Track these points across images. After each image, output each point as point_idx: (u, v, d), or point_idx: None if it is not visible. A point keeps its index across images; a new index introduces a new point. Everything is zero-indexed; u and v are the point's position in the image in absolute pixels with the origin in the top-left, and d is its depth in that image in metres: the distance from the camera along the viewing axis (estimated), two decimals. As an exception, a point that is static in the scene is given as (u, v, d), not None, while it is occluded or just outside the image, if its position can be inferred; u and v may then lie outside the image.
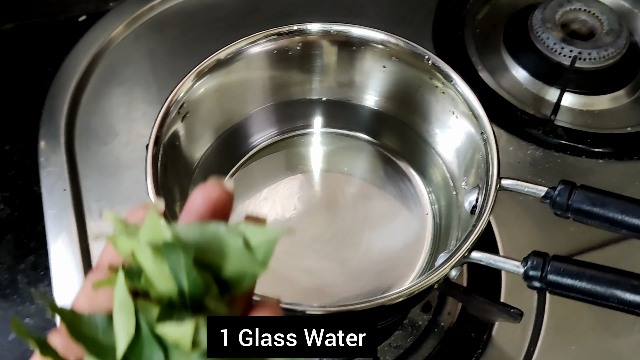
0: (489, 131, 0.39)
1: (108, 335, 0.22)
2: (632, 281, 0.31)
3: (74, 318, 0.22)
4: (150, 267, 0.23)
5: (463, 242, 0.35)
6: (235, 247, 0.23)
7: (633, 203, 0.34)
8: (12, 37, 0.72)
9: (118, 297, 0.22)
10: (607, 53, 0.64)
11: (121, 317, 0.22)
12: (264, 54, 0.46)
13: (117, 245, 0.23)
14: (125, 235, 0.23)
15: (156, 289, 0.23)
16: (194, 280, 0.22)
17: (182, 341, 0.21)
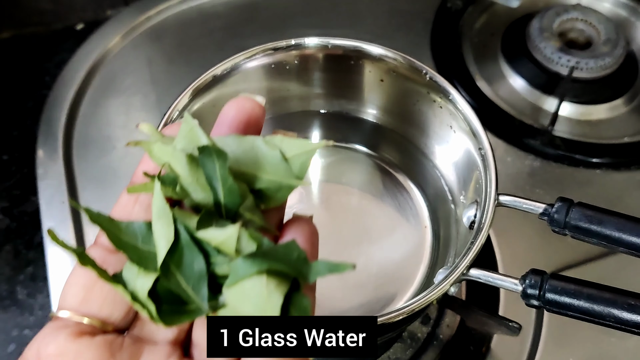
0: (486, 147, 0.40)
1: (147, 243, 0.22)
2: (629, 300, 0.31)
3: (113, 226, 0.22)
4: (185, 174, 0.23)
5: (462, 259, 0.35)
6: (272, 158, 0.23)
7: (631, 221, 0.34)
8: (9, 46, 0.72)
9: (156, 204, 0.22)
10: (605, 63, 0.64)
11: (160, 224, 0.22)
12: (261, 68, 0.46)
13: (152, 153, 0.24)
14: (161, 143, 0.23)
15: (191, 197, 0.23)
16: (230, 188, 0.22)
17: (225, 246, 0.21)
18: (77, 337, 0.22)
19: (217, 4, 0.71)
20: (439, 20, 0.70)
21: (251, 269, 0.21)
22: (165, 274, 0.22)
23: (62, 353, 0.21)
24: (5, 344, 0.51)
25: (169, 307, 0.22)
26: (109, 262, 0.23)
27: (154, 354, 0.23)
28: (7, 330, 0.52)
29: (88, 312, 0.22)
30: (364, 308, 0.45)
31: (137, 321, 0.24)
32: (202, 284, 0.22)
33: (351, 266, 0.22)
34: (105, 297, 0.23)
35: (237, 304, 0.21)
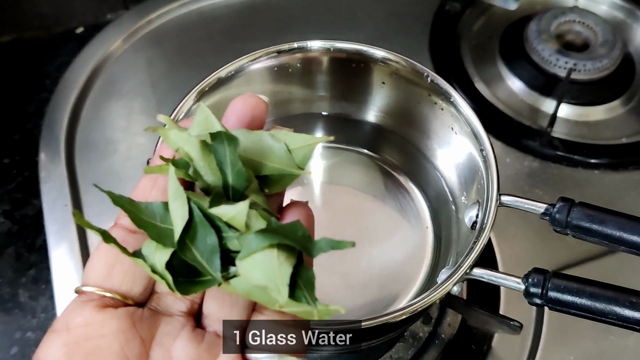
0: (488, 148, 0.40)
1: (165, 221, 0.25)
2: (630, 298, 0.31)
3: (134, 207, 0.25)
4: (198, 158, 0.25)
5: (464, 258, 0.36)
6: (277, 150, 0.26)
7: (632, 220, 0.34)
8: (9, 50, 0.73)
9: (171, 186, 0.24)
10: (602, 64, 0.65)
11: (176, 204, 0.24)
12: (264, 70, 0.47)
13: (168, 138, 0.26)
14: (177, 130, 0.26)
15: (203, 180, 0.25)
16: (238, 172, 0.25)
17: (235, 221, 0.24)
18: (102, 309, 0.24)
19: (217, 7, 0.71)
20: (437, 23, 0.70)
21: (263, 243, 0.23)
22: (182, 248, 0.24)
23: (89, 323, 0.23)
24: (8, 346, 0.51)
25: (185, 278, 0.24)
26: (128, 241, 0.25)
27: (170, 324, 0.25)
28: (9, 333, 0.52)
29: (111, 287, 0.25)
30: (367, 308, 0.46)
31: (155, 295, 0.26)
32: (215, 256, 0.24)
33: (351, 244, 0.24)
34: (125, 273, 0.25)
35: (250, 273, 0.23)
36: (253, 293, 0.24)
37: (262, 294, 0.23)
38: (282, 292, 0.23)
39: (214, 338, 0.25)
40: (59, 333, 0.23)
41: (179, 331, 0.25)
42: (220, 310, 0.25)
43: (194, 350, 0.24)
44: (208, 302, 0.26)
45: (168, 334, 0.25)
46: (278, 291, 0.23)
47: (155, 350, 0.24)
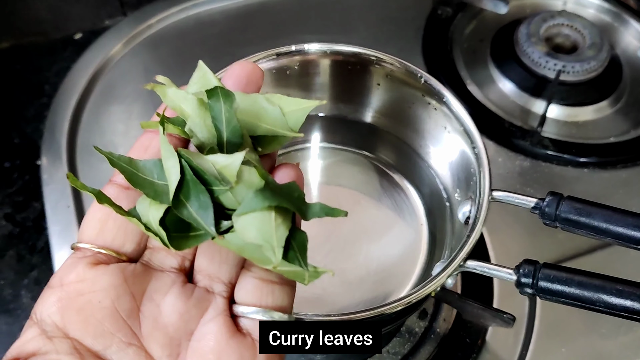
0: (480, 146, 0.41)
1: (162, 178, 0.25)
2: (617, 286, 0.33)
3: (132, 165, 0.25)
4: (194, 115, 0.26)
5: (458, 251, 0.37)
6: (272, 112, 0.27)
7: (617, 212, 0.36)
8: (8, 56, 0.73)
9: (162, 145, 0.25)
10: (590, 66, 0.66)
11: (168, 162, 0.25)
12: (263, 72, 0.48)
13: (166, 96, 0.27)
14: (174, 88, 0.26)
15: (198, 137, 0.26)
16: (234, 128, 0.26)
17: (228, 170, 0.24)
18: (94, 265, 0.25)
19: (213, 12, 0.72)
20: (429, 27, 0.72)
21: (263, 203, 0.23)
22: (176, 205, 0.25)
23: (81, 279, 0.24)
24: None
25: (178, 234, 0.25)
26: (121, 197, 0.26)
27: (161, 279, 0.26)
28: (13, 334, 0.53)
29: (103, 244, 0.25)
30: (364, 304, 0.47)
31: (147, 251, 0.27)
32: (209, 211, 0.24)
33: (344, 213, 0.25)
34: (117, 230, 0.26)
35: (245, 231, 0.24)
36: (246, 250, 0.24)
37: (255, 252, 0.24)
38: (277, 253, 0.24)
39: (203, 293, 0.26)
40: (54, 289, 0.24)
41: (170, 287, 0.25)
42: (210, 266, 0.26)
43: (182, 304, 0.25)
44: (199, 258, 0.26)
45: (159, 289, 0.25)
46: (273, 251, 0.24)
47: (145, 305, 0.25)
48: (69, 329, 0.24)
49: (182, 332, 0.25)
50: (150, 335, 0.24)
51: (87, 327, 0.24)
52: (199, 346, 0.24)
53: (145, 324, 0.25)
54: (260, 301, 0.25)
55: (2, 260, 0.58)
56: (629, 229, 0.35)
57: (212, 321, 0.25)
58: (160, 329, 0.25)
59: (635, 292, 0.32)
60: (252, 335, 0.25)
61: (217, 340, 0.24)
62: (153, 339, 0.24)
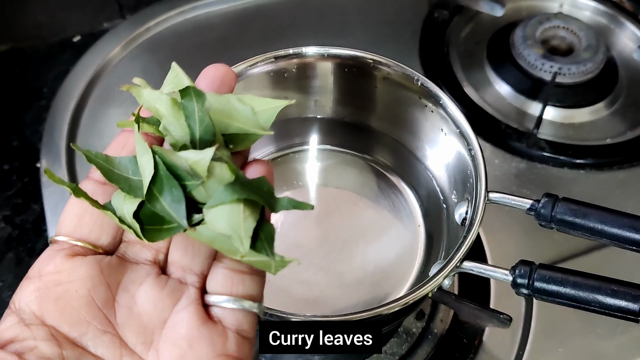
0: (476, 148, 0.42)
1: (136, 174, 0.26)
2: (611, 286, 0.33)
3: (109, 162, 0.27)
4: (168, 114, 0.27)
5: (455, 252, 0.37)
6: (243, 111, 0.28)
7: (612, 213, 0.36)
8: (7, 59, 0.74)
9: (137, 142, 0.26)
10: (586, 68, 0.67)
11: (143, 158, 0.26)
12: (261, 75, 0.48)
13: (141, 96, 0.28)
14: (149, 89, 0.27)
15: (172, 135, 0.27)
16: (206, 127, 0.27)
17: (199, 165, 0.25)
18: (71, 257, 0.26)
19: (211, 16, 0.73)
20: (426, 30, 0.72)
21: (232, 196, 0.24)
22: (150, 199, 0.26)
23: (59, 270, 0.25)
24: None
25: (152, 227, 0.26)
26: (97, 192, 0.27)
27: (136, 271, 0.27)
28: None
29: (80, 237, 0.26)
30: (361, 305, 0.47)
31: (123, 244, 0.28)
32: (181, 204, 0.26)
33: (310, 206, 0.26)
34: (94, 223, 0.27)
35: (215, 222, 0.25)
36: (216, 241, 0.25)
37: (224, 243, 0.25)
38: (245, 243, 0.25)
39: (176, 284, 0.27)
40: (32, 280, 0.25)
41: (144, 278, 0.26)
42: (184, 258, 0.27)
43: (157, 294, 0.26)
44: (172, 251, 0.27)
45: (134, 280, 0.26)
46: (241, 242, 0.25)
47: (120, 295, 0.26)
48: (46, 317, 0.24)
49: (155, 321, 0.26)
50: (125, 323, 0.25)
51: (64, 315, 0.24)
52: (171, 333, 0.25)
53: (120, 313, 0.25)
54: (231, 290, 0.26)
55: (1, 263, 0.58)
56: (624, 229, 0.36)
57: (184, 310, 0.26)
58: (134, 318, 0.26)
59: (630, 292, 0.33)
60: (222, 322, 0.26)
61: (189, 328, 0.25)
62: (128, 327, 0.25)
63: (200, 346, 0.25)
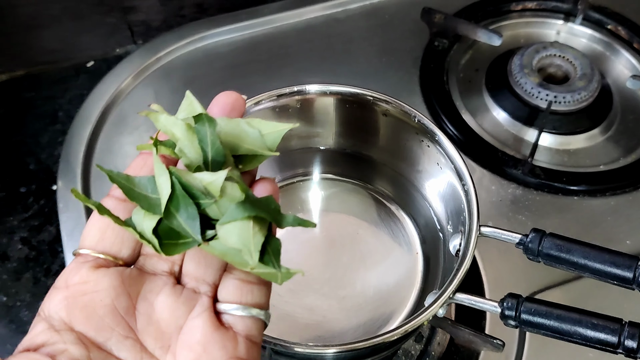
0: (469, 184, 0.44)
1: (155, 193, 0.29)
2: (592, 320, 0.36)
3: (129, 182, 0.29)
4: (183, 138, 0.30)
5: (448, 285, 0.40)
6: (252, 134, 0.31)
7: (594, 249, 0.39)
8: (22, 84, 0.76)
9: (155, 164, 0.29)
10: (580, 97, 0.69)
11: (160, 179, 0.28)
12: (266, 110, 0.50)
13: (158, 121, 0.31)
14: (165, 114, 0.31)
15: (187, 156, 0.30)
16: (217, 149, 0.30)
17: (213, 186, 0.28)
18: (96, 268, 0.28)
19: (220, 45, 0.76)
20: (427, 58, 0.74)
21: (243, 214, 0.27)
22: (167, 216, 0.28)
23: (85, 281, 0.27)
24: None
25: (169, 241, 0.28)
26: (118, 209, 0.29)
27: (153, 281, 0.29)
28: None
29: (103, 250, 0.29)
30: (362, 329, 0.50)
31: (141, 257, 0.30)
32: (195, 221, 0.28)
33: (313, 224, 0.29)
34: (115, 237, 0.29)
35: (227, 238, 0.28)
36: (227, 254, 0.28)
37: (235, 256, 0.28)
38: (254, 256, 0.27)
39: (191, 293, 0.29)
40: (60, 289, 0.28)
41: (161, 288, 0.29)
42: (197, 270, 0.30)
43: (173, 303, 0.28)
44: (187, 263, 0.30)
45: (152, 290, 0.29)
46: (250, 255, 0.27)
47: (140, 303, 0.28)
48: (74, 324, 0.27)
49: (172, 327, 0.28)
50: (144, 329, 0.28)
51: (90, 321, 0.27)
52: (187, 338, 0.28)
53: (140, 320, 0.28)
54: (241, 299, 0.29)
55: (19, 283, 0.60)
56: (605, 265, 0.38)
57: (198, 317, 0.28)
58: (153, 324, 0.28)
59: (608, 325, 0.35)
60: (233, 328, 0.28)
61: (203, 333, 0.28)
62: (147, 332, 0.28)
63: (214, 349, 0.27)
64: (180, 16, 0.81)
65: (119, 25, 0.79)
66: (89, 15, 0.77)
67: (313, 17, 0.79)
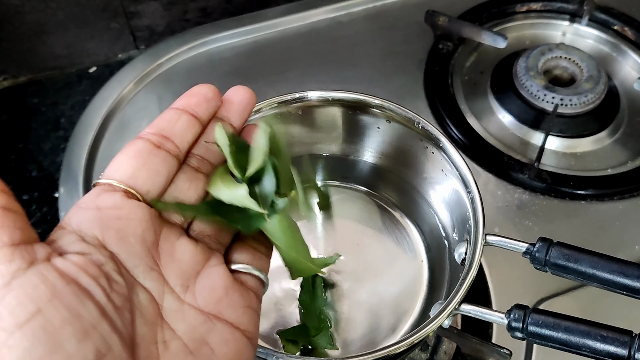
0: (474, 191, 0.43)
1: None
2: (602, 332, 0.35)
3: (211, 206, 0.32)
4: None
5: (453, 295, 0.39)
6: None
7: (603, 259, 0.38)
8: (25, 90, 0.76)
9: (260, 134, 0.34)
10: (587, 99, 0.68)
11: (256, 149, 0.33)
12: (267, 117, 0.50)
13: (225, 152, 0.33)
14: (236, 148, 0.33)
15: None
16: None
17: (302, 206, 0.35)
18: (129, 198, 0.28)
19: (223, 49, 0.75)
20: (431, 60, 0.74)
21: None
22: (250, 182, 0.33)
23: (119, 207, 0.28)
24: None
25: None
26: (152, 155, 0.30)
27: (172, 227, 0.30)
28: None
29: (134, 185, 0.29)
30: (367, 338, 0.49)
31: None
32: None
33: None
34: (148, 178, 0.29)
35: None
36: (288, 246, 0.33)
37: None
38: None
39: (206, 247, 0.31)
40: (89, 210, 0.27)
41: (179, 235, 0.30)
42: (212, 230, 0.32)
43: (193, 249, 0.30)
44: (199, 223, 0.32)
45: (171, 234, 0.30)
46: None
47: (163, 242, 0.29)
48: (107, 244, 0.27)
49: (191, 270, 0.29)
50: (167, 265, 0.29)
51: (123, 245, 0.27)
52: (208, 281, 0.29)
53: (163, 257, 0.29)
54: (253, 262, 0.32)
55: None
56: (614, 275, 0.37)
57: (216, 266, 0.30)
58: (175, 262, 0.29)
59: (618, 338, 0.34)
60: (245, 284, 0.31)
61: (224, 279, 0.30)
62: (169, 269, 0.29)
63: (235, 295, 0.29)
64: (184, 20, 0.81)
65: (123, 31, 0.79)
66: (94, 21, 0.77)
67: (317, 20, 0.78)
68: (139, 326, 0.26)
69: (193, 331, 0.27)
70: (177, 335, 0.27)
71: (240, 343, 0.28)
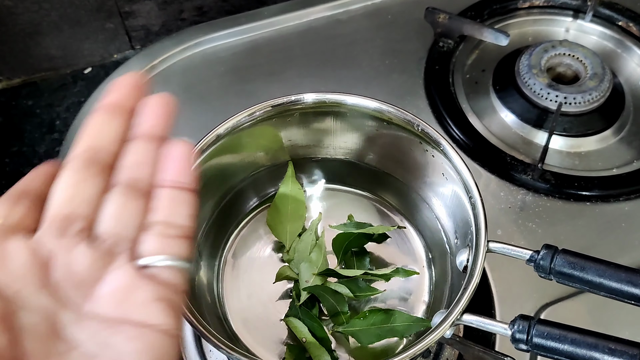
0: (476, 197, 0.42)
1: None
2: (609, 344, 0.33)
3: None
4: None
5: (455, 305, 0.38)
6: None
7: (610, 267, 0.36)
8: (20, 92, 0.75)
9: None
10: (592, 97, 0.67)
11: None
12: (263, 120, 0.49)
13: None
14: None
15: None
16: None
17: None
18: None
19: (220, 49, 0.74)
20: (431, 59, 0.72)
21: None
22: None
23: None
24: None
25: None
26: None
27: (69, 248, 0.28)
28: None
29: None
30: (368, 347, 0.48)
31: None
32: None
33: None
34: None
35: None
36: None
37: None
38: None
39: (110, 249, 0.28)
40: None
41: (73, 247, 0.28)
42: (116, 227, 0.29)
43: (90, 257, 0.28)
44: (104, 223, 0.29)
45: (66, 251, 0.28)
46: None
47: (53, 260, 0.27)
48: None
49: (91, 278, 0.28)
50: (61, 281, 0.27)
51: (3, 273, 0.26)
52: (109, 286, 0.28)
53: (56, 273, 0.27)
54: (164, 250, 0.29)
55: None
56: (622, 284, 0.36)
57: (121, 267, 0.28)
58: (70, 275, 0.27)
59: (627, 351, 0.33)
60: (158, 278, 0.28)
61: (128, 279, 0.28)
62: (65, 283, 0.27)
63: (140, 293, 0.28)
64: (180, 20, 0.80)
65: (118, 31, 0.78)
66: (88, 21, 0.75)
67: (314, 18, 0.77)
68: (28, 343, 0.25)
69: (96, 336, 0.27)
70: (78, 344, 0.26)
71: (150, 338, 0.27)
